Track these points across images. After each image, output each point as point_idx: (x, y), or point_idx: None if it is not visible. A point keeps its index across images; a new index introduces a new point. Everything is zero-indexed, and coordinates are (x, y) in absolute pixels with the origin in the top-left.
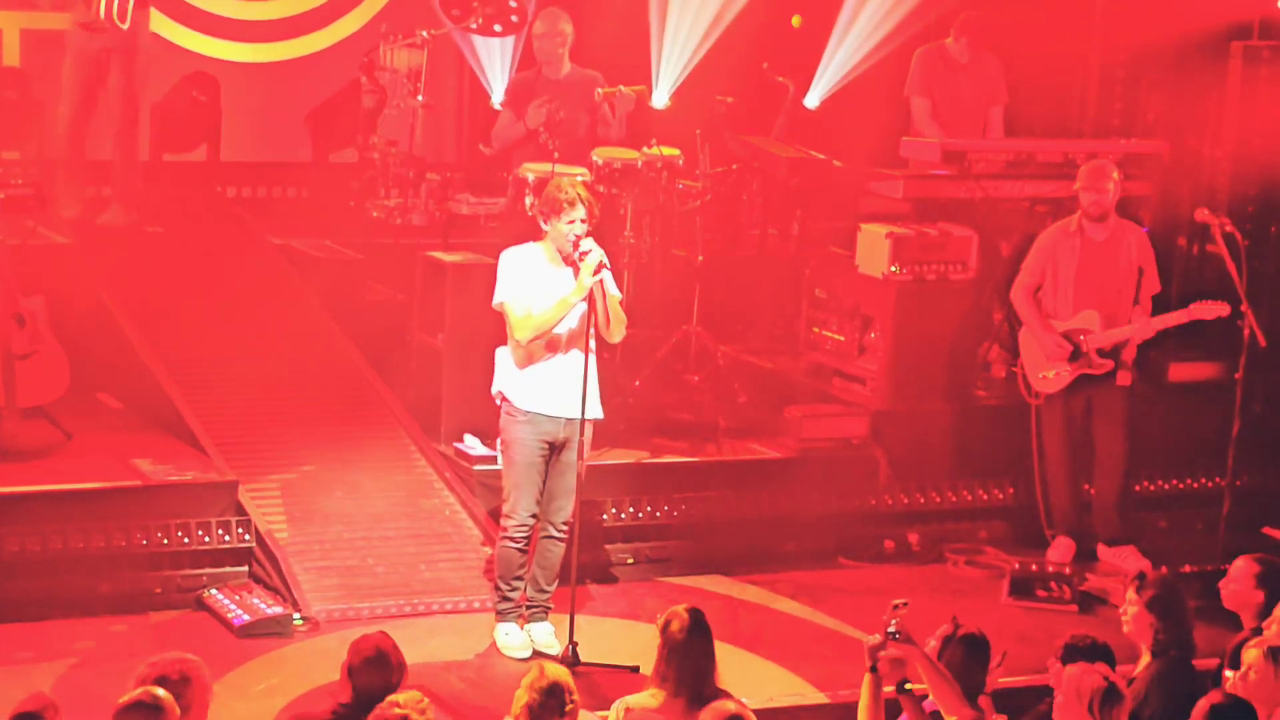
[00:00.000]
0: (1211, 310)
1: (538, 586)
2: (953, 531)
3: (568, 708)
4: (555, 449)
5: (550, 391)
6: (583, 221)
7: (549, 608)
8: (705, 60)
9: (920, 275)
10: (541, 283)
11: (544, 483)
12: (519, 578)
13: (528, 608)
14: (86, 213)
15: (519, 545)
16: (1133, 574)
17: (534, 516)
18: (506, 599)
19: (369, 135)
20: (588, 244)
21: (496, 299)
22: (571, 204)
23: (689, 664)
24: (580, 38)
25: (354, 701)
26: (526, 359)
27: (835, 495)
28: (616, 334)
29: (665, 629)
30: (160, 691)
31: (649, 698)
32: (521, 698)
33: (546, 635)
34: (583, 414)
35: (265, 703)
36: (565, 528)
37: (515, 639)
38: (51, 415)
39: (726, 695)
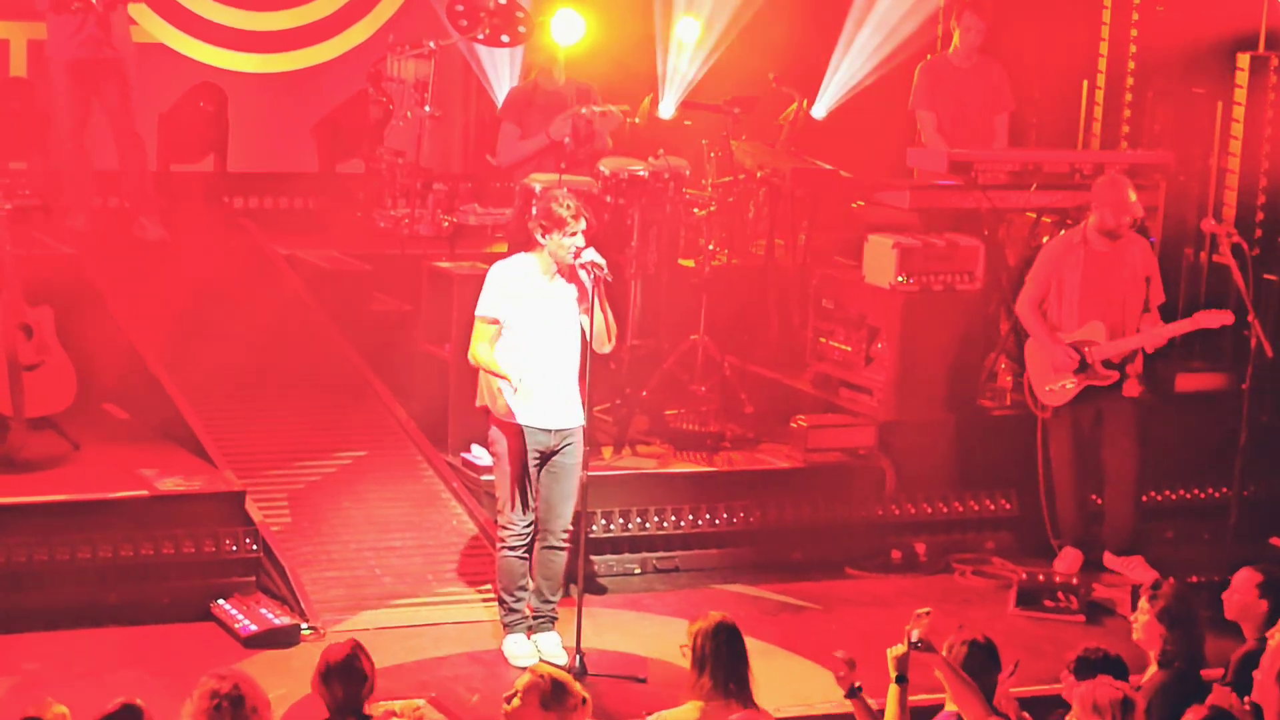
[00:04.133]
0: (1216, 319)
1: (542, 597)
2: (959, 542)
3: (570, 701)
4: (547, 456)
5: (539, 404)
6: (583, 233)
7: (554, 618)
8: (712, 71)
9: (927, 285)
10: (534, 293)
11: (537, 490)
12: (523, 588)
13: (535, 618)
14: (93, 223)
15: (518, 554)
16: (1147, 584)
17: (531, 525)
18: (512, 610)
19: (376, 146)
20: (589, 254)
21: (477, 310)
22: (575, 217)
23: (725, 670)
24: (585, 48)
25: (330, 715)
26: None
27: (842, 505)
28: (608, 345)
29: (697, 637)
30: (139, 702)
31: (689, 711)
32: (524, 680)
33: (553, 646)
34: (585, 420)
35: (278, 714)
36: (565, 536)
37: (523, 649)
38: (59, 426)
39: (760, 710)
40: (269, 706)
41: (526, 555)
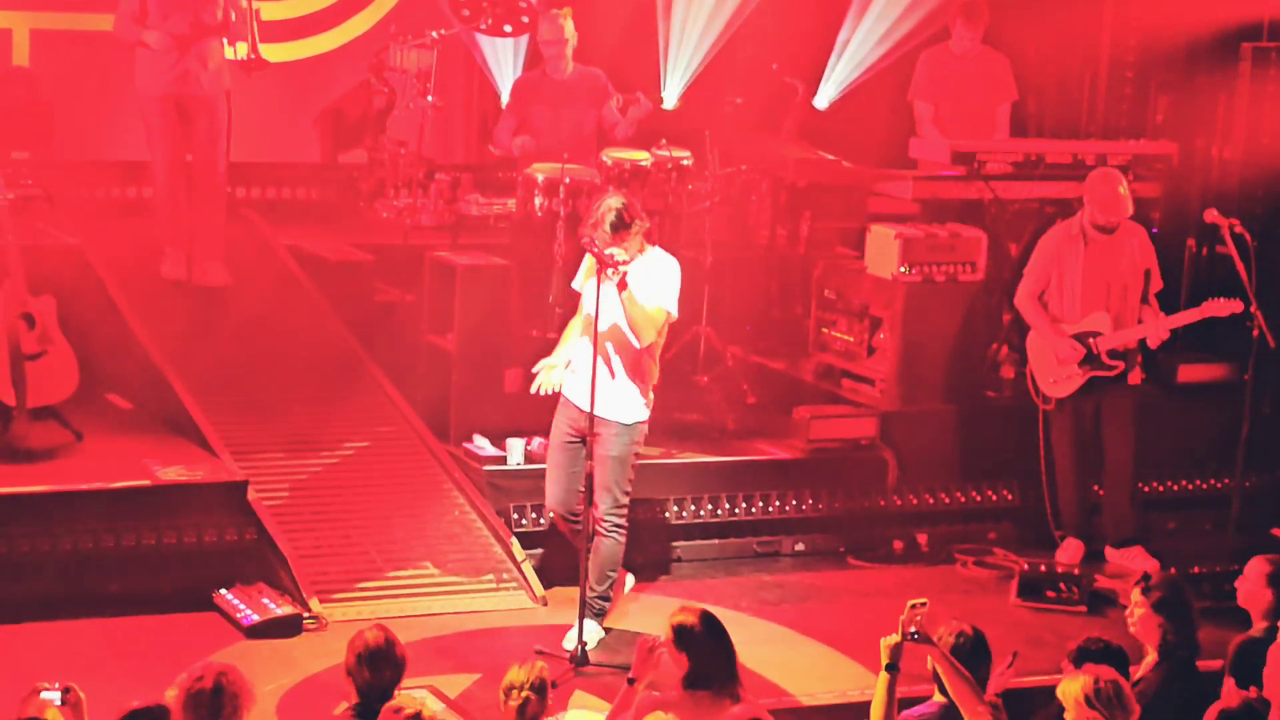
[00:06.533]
0: (1225, 307)
1: (589, 582)
2: (961, 532)
3: (530, 700)
4: (585, 440)
5: (582, 383)
6: (606, 243)
7: (596, 608)
8: (714, 61)
9: (929, 276)
10: (594, 282)
11: (571, 472)
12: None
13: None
14: (101, 212)
15: (561, 532)
16: (1140, 575)
17: (561, 505)
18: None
19: (378, 136)
20: (606, 251)
21: None
22: (596, 225)
23: (714, 663)
24: (587, 39)
25: (361, 701)
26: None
27: (844, 496)
28: (645, 336)
29: (679, 630)
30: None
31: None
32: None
33: (587, 634)
34: (628, 419)
35: (273, 702)
36: (607, 524)
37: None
38: (61, 415)
39: (748, 700)
40: (252, 698)
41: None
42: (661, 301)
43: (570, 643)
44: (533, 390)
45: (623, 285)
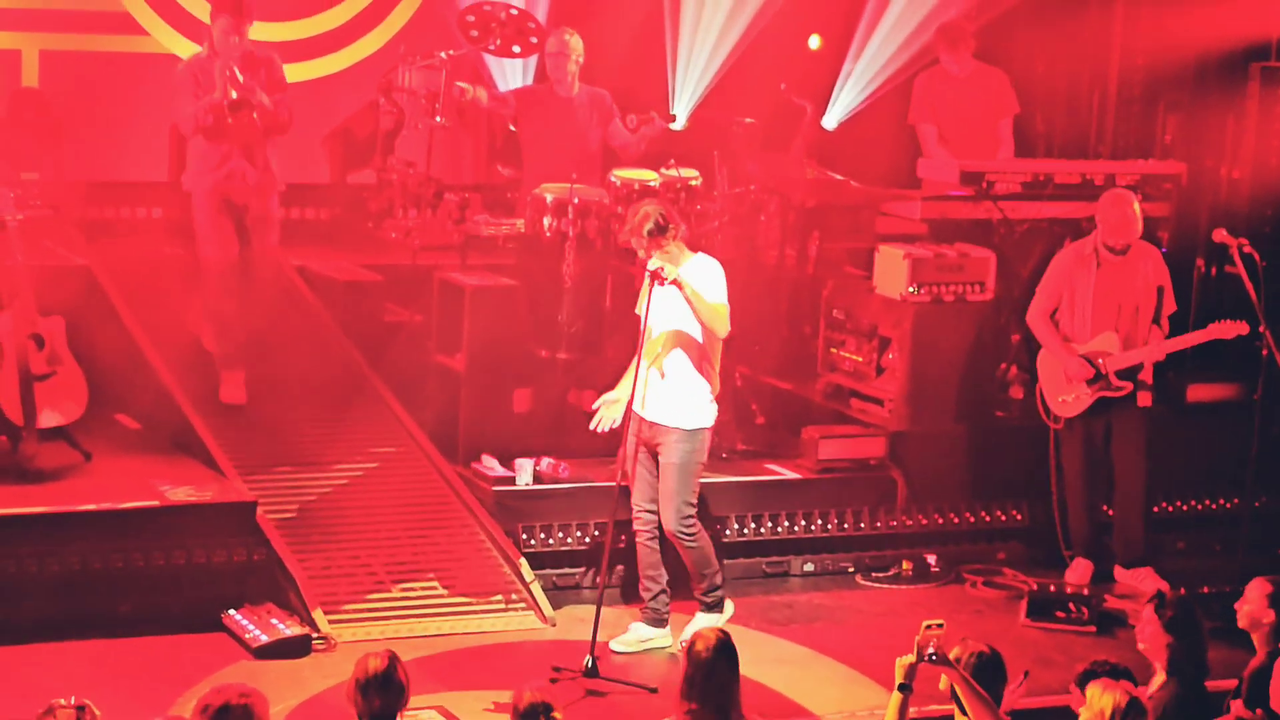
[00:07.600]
0: (1231, 329)
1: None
2: (970, 552)
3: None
4: (650, 448)
5: (643, 392)
6: (643, 248)
7: (652, 610)
8: (723, 81)
9: (938, 296)
10: (651, 290)
11: (647, 478)
12: (651, 577)
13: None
14: (110, 234)
15: (638, 538)
16: (1151, 594)
17: (642, 510)
18: (646, 590)
19: (387, 156)
20: (653, 263)
21: None
22: (633, 232)
23: (716, 686)
24: (596, 58)
25: None
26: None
27: (853, 516)
28: (720, 327)
29: (691, 650)
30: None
31: None
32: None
33: (627, 638)
34: (690, 424)
35: None
36: (678, 538)
37: (629, 636)
38: (70, 436)
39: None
40: (269, 718)
41: (651, 543)
42: (717, 298)
43: (617, 644)
44: (592, 426)
45: (673, 283)
